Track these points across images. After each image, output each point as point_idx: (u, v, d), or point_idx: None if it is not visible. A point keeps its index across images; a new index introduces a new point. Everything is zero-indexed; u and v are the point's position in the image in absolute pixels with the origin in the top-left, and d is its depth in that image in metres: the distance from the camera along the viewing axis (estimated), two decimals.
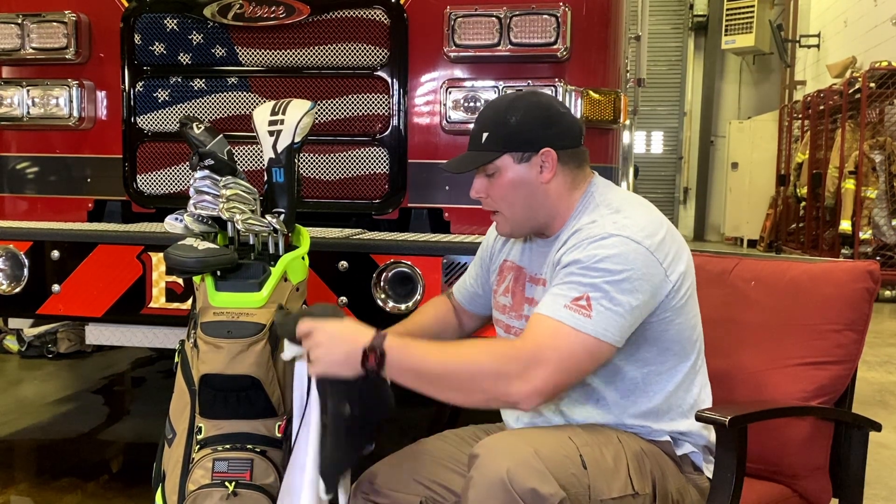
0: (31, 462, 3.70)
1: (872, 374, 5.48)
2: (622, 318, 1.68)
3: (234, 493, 2.04)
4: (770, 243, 13.20)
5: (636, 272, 1.69)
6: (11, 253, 2.90)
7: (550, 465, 1.58)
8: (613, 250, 1.69)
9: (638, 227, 1.74)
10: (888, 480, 3.48)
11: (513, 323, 1.95)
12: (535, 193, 1.84)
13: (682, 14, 15.89)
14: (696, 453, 1.85)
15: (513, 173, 1.83)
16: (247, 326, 2.09)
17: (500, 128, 1.83)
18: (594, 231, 1.75)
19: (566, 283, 1.71)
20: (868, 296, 2.04)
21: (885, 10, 10.40)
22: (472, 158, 1.86)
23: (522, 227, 1.90)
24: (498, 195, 1.86)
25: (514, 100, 1.88)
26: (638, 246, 1.71)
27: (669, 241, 1.77)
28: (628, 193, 1.91)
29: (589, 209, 1.84)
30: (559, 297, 1.69)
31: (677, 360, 1.82)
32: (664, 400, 1.82)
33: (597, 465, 1.66)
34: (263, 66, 3.17)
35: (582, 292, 1.67)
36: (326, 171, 3.16)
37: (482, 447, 1.64)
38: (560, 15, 2.90)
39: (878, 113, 9.76)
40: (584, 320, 1.66)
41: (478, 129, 1.86)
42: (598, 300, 1.66)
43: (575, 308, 1.66)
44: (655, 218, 1.81)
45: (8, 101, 3.34)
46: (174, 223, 2.27)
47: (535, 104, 1.86)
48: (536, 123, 1.82)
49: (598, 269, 1.68)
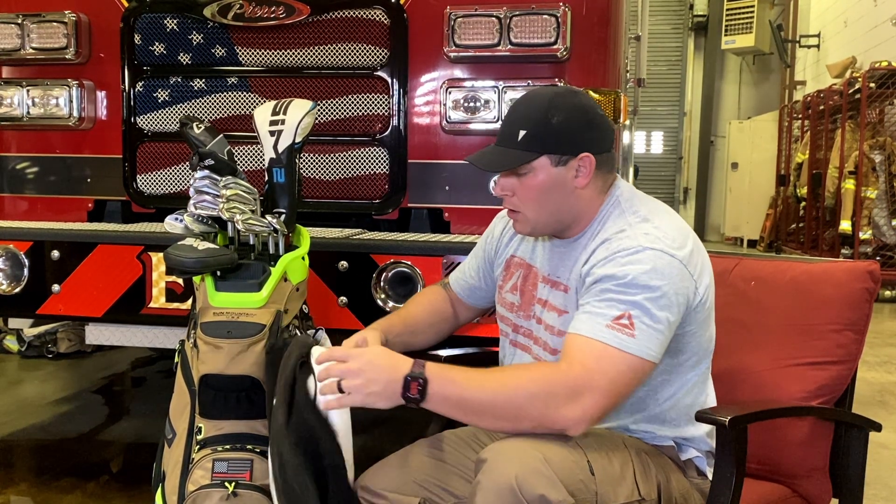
0: (31, 462, 3.70)
1: (872, 374, 5.48)
2: (662, 335, 1.66)
3: (233, 493, 2.04)
4: (770, 243, 13.20)
5: (672, 286, 1.66)
6: (11, 253, 2.90)
7: (559, 471, 1.56)
8: (649, 265, 1.66)
9: (669, 238, 1.71)
10: (888, 480, 3.47)
11: (521, 322, 1.93)
12: (566, 197, 1.78)
13: (682, 14, 15.88)
14: (700, 458, 1.85)
15: (547, 176, 1.77)
16: (247, 326, 2.09)
17: (539, 127, 1.75)
18: (626, 243, 1.70)
19: (604, 301, 1.66)
20: (868, 296, 2.04)
21: (885, 10, 10.40)
22: (509, 157, 1.77)
23: (544, 229, 1.85)
24: (527, 196, 1.79)
25: (555, 98, 1.78)
26: (672, 259, 1.68)
27: (697, 252, 1.75)
28: (652, 199, 1.86)
29: (614, 215, 1.79)
30: (598, 317, 1.65)
31: (689, 369, 1.81)
32: (672, 406, 1.81)
33: (604, 471, 1.65)
34: (263, 66, 3.17)
35: (623, 310, 1.63)
36: (327, 171, 3.16)
37: (490, 452, 1.62)
38: (560, 15, 2.90)
39: (878, 113, 9.76)
40: (629, 340, 1.62)
41: (513, 126, 1.77)
42: (640, 318, 1.63)
43: (618, 328, 1.63)
44: (683, 226, 1.77)
45: (8, 101, 3.34)
46: (174, 223, 2.27)
47: (578, 106, 1.78)
48: (578, 126, 1.76)
49: (636, 285, 1.64)
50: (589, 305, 1.68)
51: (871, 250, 9.19)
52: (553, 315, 1.83)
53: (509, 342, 1.97)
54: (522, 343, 1.92)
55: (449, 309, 2.17)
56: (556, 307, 1.82)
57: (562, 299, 1.81)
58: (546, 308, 1.85)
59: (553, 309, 1.83)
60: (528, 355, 1.90)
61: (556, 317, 1.82)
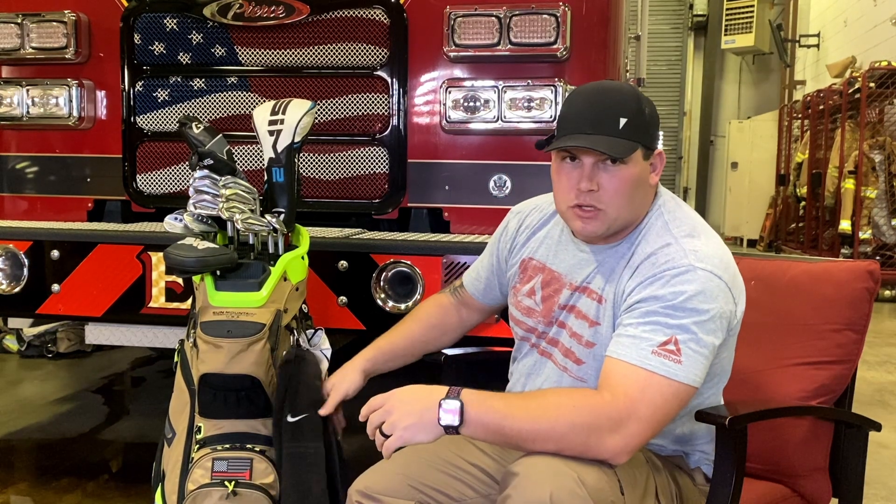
0: (30, 462, 3.70)
1: (872, 374, 5.47)
2: (706, 360, 1.60)
3: (233, 492, 2.03)
4: (770, 243, 13.20)
5: (719, 310, 1.61)
6: (11, 253, 2.90)
7: (593, 492, 1.51)
8: (699, 286, 1.59)
9: (717, 258, 1.64)
10: (888, 480, 3.47)
11: (541, 328, 1.86)
12: (644, 195, 1.71)
13: (682, 14, 15.88)
14: (707, 465, 1.84)
15: (639, 169, 1.68)
16: (246, 326, 2.09)
17: (637, 117, 1.66)
18: (673, 261, 1.63)
19: (649, 324, 1.59)
20: (868, 295, 2.04)
21: (884, 9, 10.40)
22: (621, 145, 1.64)
23: (615, 229, 1.73)
24: (617, 190, 1.67)
25: (633, 89, 1.70)
26: (720, 282, 1.62)
27: (739, 275, 1.70)
28: (694, 213, 1.79)
29: (658, 226, 1.72)
30: (643, 342, 1.58)
31: (709, 388, 1.77)
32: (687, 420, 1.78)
33: (632, 490, 1.62)
34: (263, 66, 3.17)
35: (669, 335, 1.57)
36: (326, 171, 3.16)
37: (522, 466, 1.56)
38: (560, 15, 2.90)
39: (878, 113, 9.76)
40: (676, 367, 1.56)
41: (611, 113, 1.65)
42: (686, 343, 1.57)
43: (664, 354, 1.56)
44: (725, 248, 1.71)
45: (8, 101, 3.34)
46: (174, 223, 2.27)
47: (648, 99, 1.70)
48: (657, 120, 1.70)
49: (685, 308, 1.58)
50: (632, 328, 1.61)
51: (870, 250, 9.19)
52: (582, 324, 1.76)
53: (529, 345, 1.91)
54: (544, 349, 1.86)
55: (451, 319, 2.13)
56: (588, 317, 1.75)
57: (595, 310, 1.74)
58: (574, 315, 1.78)
59: (583, 318, 1.76)
60: (550, 361, 1.84)
61: (586, 326, 1.76)
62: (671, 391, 1.56)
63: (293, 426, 2.03)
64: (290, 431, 2.03)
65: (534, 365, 1.89)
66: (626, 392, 1.55)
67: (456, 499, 1.85)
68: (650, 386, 1.55)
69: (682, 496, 1.77)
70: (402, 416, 1.59)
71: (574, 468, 1.53)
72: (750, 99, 15.87)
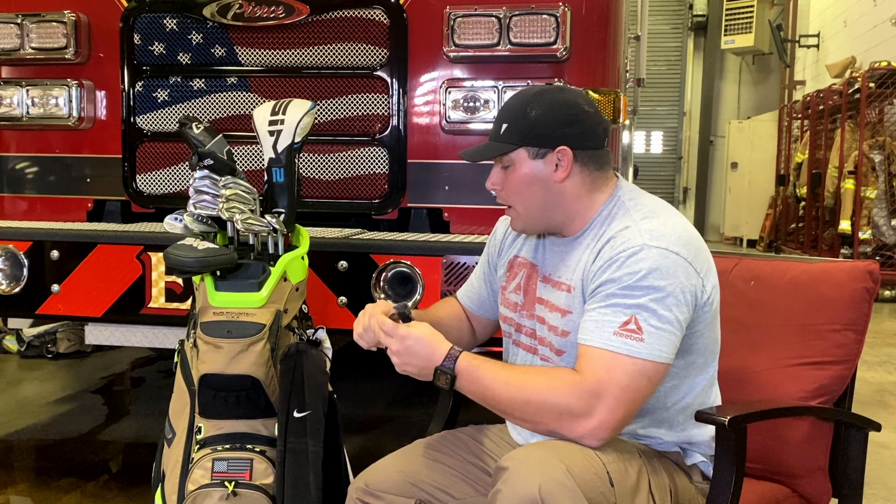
0: (30, 462, 3.70)
1: (872, 374, 5.48)
2: (672, 335, 1.64)
3: (233, 492, 2.04)
4: (769, 243, 13.20)
5: (678, 284, 1.64)
6: (11, 253, 2.90)
7: (581, 483, 1.54)
8: (652, 264, 1.64)
9: (675, 235, 1.69)
10: (888, 480, 3.47)
11: (524, 322, 1.91)
12: (549, 192, 1.79)
13: (682, 14, 15.89)
14: (705, 463, 1.84)
15: (527, 168, 1.79)
16: (246, 326, 2.09)
17: (519, 120, 1.79)
18: (629, 242, 1.68)
19: (609, 307, 1.65)
20: (868, 296, 2.04)
21: (884, 10, 10.40)
22: (489, 148, 1.83)
23: (536, 225, 1.86)
24: (512, 189, 1.82)
25: (539, 94, 1.82)
26: (677, 257, 1.66)
27: (702, 251, 1.74)
28: (656, 198, 1.85)
29: (619, 214, 1.78)
30: (605, 324, 1.64)
31: (697, 372, 1.80)
32: (680, 410, 1.80)
33: (622, 482, 1.64)
34: (263, 66, 3.17)
35: (629, 315, 1.62)
36: (326, 171, 3.16)
37: (511, 460, 1.60)
38: (560, 15, 2.90)
39: (878, 113, 9.76)
40: (638, 345, 1.61)
41: (499, 120, 1.83)
42: (647, 320, 1.62)
43: (625, 334, 1.62)
44: (688, 225, 1.76)
45: (7, 101, 3.34)
46: (174, 223, 2.27)
47: (559, 101, 1.80)
48: (556, 120, 1.77)
49: (641, 287, 1.63)
50: (595, 312, 1.67)
51: (870, 250, 9.19)
52: (556, 315, 1.81)
53: (512, 342, 1.96)
54: (526, 343, 1.90)
55: (466, 325, 2.14)
56: (559, 307, 1.81)
57: (565, 299, 1.80)
58: (547, 307, 1.84)
59: (556, 309, 1.82)
60: (534, 356, 1.88)
61: (559, 317, 1.81)
62: (636, 369, 1.62)
63: (298, 422, 2.04)
64: (294, 427, 2.04)
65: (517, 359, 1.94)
66: (593, 374, 1.62)
67: (456, 497, 1.85)
68: (616, 367, 1.61)
69: (679, 493, 1.77)
70: (404, 362, 1.74)
71: (563, 459, 1.57)
72: (750, 99, 15.87)
